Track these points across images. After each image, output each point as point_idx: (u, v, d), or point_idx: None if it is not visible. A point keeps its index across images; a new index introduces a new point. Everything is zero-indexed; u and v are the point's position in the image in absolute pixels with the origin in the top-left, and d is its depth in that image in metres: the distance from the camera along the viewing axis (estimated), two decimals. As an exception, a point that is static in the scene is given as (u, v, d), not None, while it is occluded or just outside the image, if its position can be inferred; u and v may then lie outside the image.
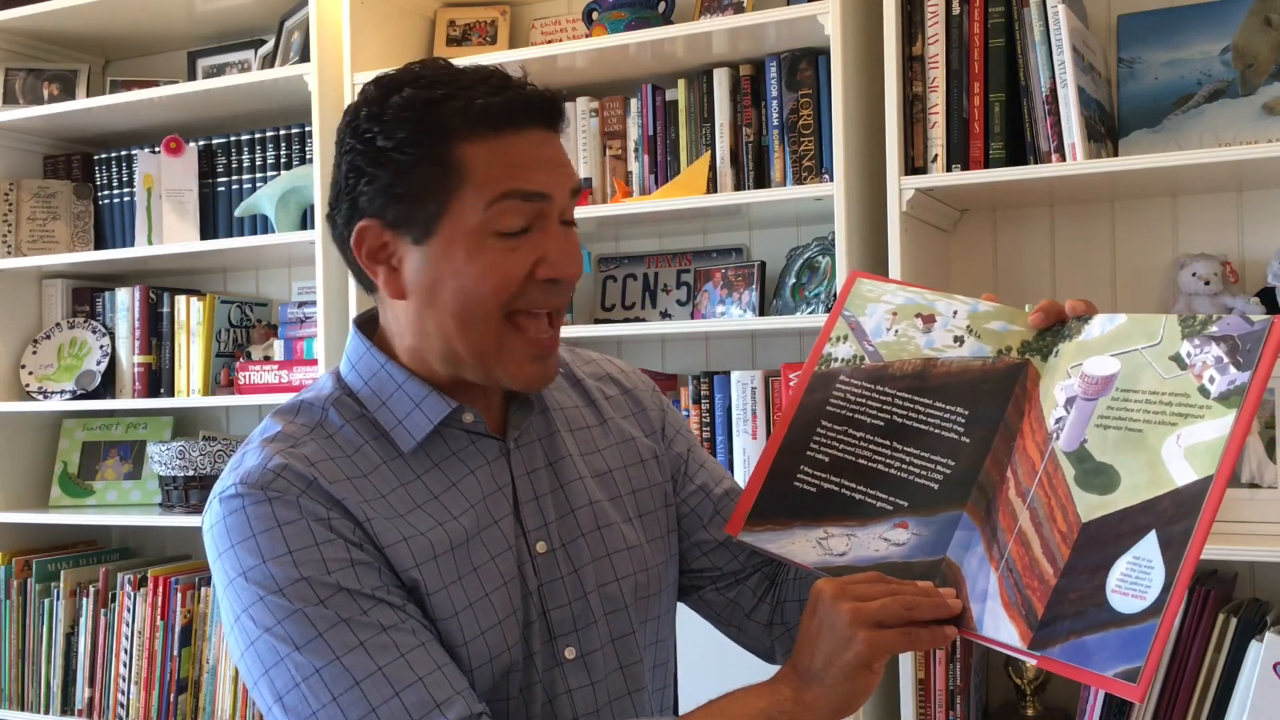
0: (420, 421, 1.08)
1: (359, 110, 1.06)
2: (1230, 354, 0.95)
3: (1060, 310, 1.08)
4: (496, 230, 1.03)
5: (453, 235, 1.03)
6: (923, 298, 1.16)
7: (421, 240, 1.04)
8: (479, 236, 1.03)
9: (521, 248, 1.04)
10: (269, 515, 1.00)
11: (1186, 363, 0.97)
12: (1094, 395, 1.01)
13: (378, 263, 1.07)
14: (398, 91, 1.04)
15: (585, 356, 1.29)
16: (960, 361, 1.11)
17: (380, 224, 1.05)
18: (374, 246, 1.06)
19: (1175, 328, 1.00)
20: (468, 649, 1.04)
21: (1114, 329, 1.03)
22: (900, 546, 1.05)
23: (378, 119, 1.03)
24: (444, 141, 1.02)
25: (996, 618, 0.97)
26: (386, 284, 1.07)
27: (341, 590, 0.98)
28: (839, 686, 0.96)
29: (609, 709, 1.12)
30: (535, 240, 1.04)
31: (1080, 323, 1.07)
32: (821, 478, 1.12)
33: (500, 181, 1.02)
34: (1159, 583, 0.90)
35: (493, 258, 1.03)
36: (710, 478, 1.27)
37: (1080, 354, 1.04)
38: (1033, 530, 0.99)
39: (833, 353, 1.17)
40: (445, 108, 1.02)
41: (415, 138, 1.02)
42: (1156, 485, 0.94)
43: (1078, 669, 0.91)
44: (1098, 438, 0.99)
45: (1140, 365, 1.00)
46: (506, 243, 1.03)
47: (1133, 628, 0.89)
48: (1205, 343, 0.97)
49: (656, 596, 1.19)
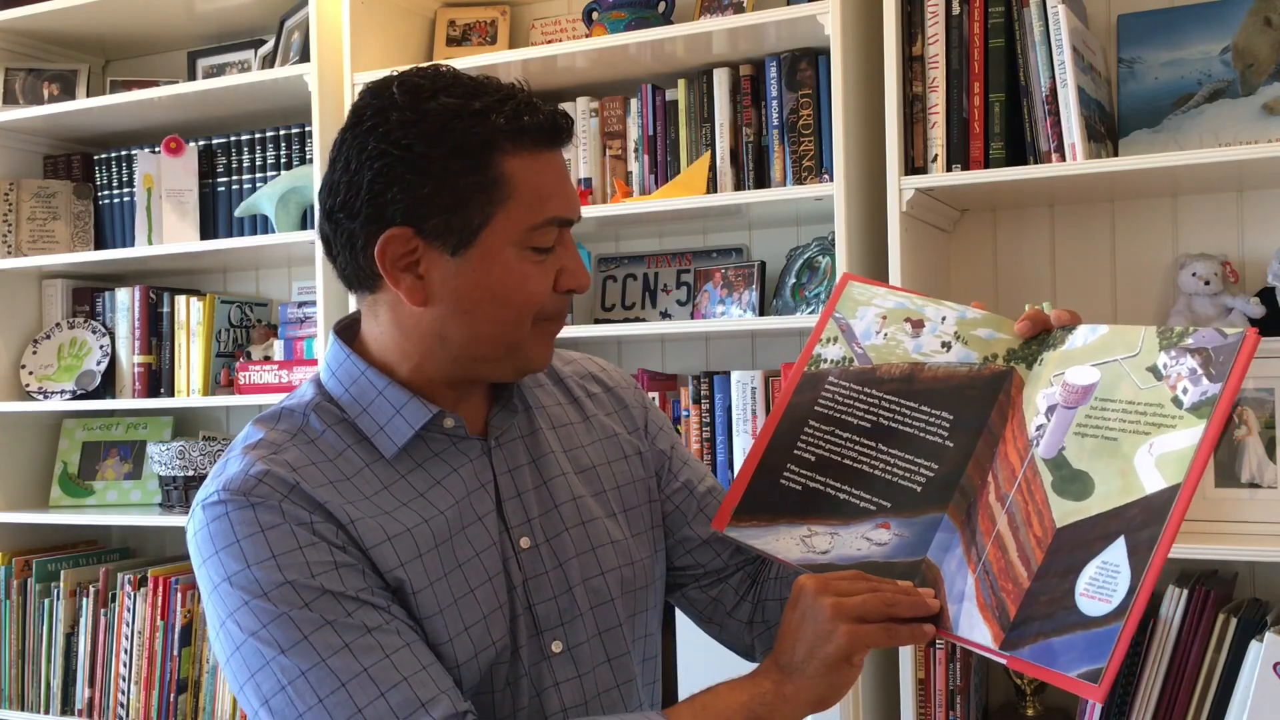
0: (401, 427, 1.09)
1: (386, 114, 1.03)
2: (1204, 365, 0.98)
3: (1046, 320, 1.11)
4: (532, 245, 1.06)
5: (491, 247, 1.05)
6: (912, 303, 1.18)
7: (458, 251, 1.04)
8: (516, 250, 1.05)
9: (548, 262, 1.08)
10: (252, 520, 1.00)
11: (1162, 374, 1.00)
12: (1074, 404, 1.04)
13: (402, 270, 1.06)
14: (431, 98, 1.03)
15: (566, 356, 1.30)
16: (947, 367, 1.13)
17: (413, 233, 1.04)
18: (400, 254, 1.05)
19: (1154, 339, 1.02)
20: (453, 645, 1.04)
21: (1096, 339, 1.06)
22: (882, 546, 1.07)
23: (415, 125, 1.02)
24: (490, 155, 1.03)
25: (972, 618, 0.99)
26: (410, 292, 1.06)
27: (326, 593, 0.99)
28: (819, 679, 0.98)
29: (597, 701, 1.13)
30: (557, 254, 1.09)
31: (1065, 332, 1.09)
32: (807, 476, 1.13)
33: (544, 205, 1.06)
34: (1124, 587, 0.92)
35: (527, 270, 1.06)
36: (694, 475, 1.28)
37: (1063, 363, 1.06)
38: (1010, 534, 1.01)
39: (822, 354, 1.19)
40: (492, 121, 1.03)
41: (462, 148, 1.02)
42: (1127, 492, 0.97)
43: (1044, 669, 0.94)
44: (1075, 445, 1.02)
45: (1119, 375, 1.02)
46: (537, 256, 1.07)
47: (1097, 630, 0.92)
48: (1181, 354, 0.99)
49: (643, 590, 1.20)
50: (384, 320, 1.11)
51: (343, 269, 1.10)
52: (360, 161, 1.04)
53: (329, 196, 1.08)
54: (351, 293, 1.13)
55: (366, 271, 1.07)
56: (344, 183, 1.06)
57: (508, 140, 1.03)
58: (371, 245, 1.05)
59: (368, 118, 1.04)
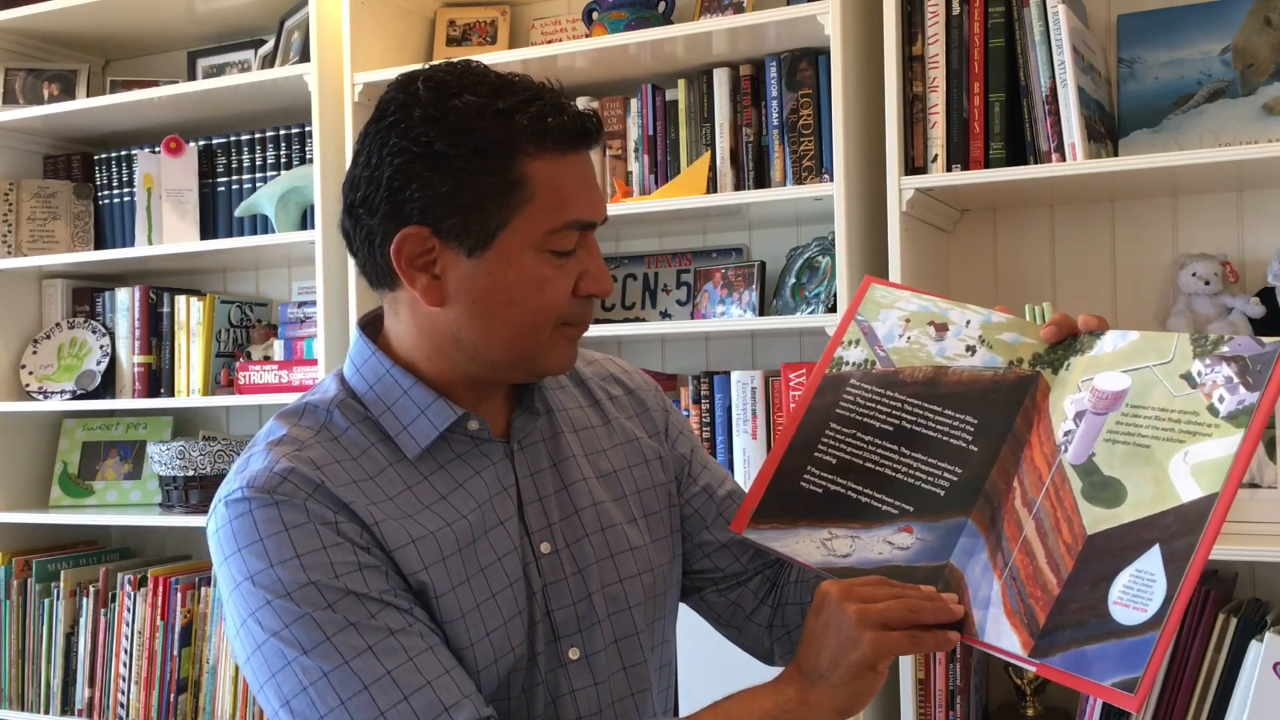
0: (425, 428, 1.08)
1: (409, 110, 1.02)
2: (1240, 374, 0.96)
3: (1073, 325, 1.09)
4: (551, 248, 1.04)
5: (509, 250, 1.03)
6: (936, 306, 1.17)
7: (474, 252, 1.03)
8: (535, 252, 1.03)
9: (568, 265, 1.06)
10: (276, 519, 0.99)
11: (1197, 381, 0.98)
12: (1104, 410, 1.02)
13: (418, 270, 1.04)
14: (456, 96, 1.01)
15: (588, 357, 1.29)
16: (971, 371, 1.12)
17: (430, 232, 1.03)
18: (416, 253, 1.04)
19: (1187, 346, 1.01)
20: (474, 650, 1.04)
21: (1126, 345, 1.04)
22: (904, 551, 1.05)
23: (437, 123, 1.01)
24: (511, 156, 1.01)
25: (999, 625, 0.97)
26: (425, 291, 1.05)
27: (349, 594, 0.98)
28: (844, 687, 0.96)
29: (612, 710, 1.12)
30: (579, 257, 1.07)
31: (1092, 338, 1.07)
32: (828, 479, 1.12)
33: (564, 208, 1.03)
34: (1160, 596, 0.91)
35: (547, 273, 1.04)
36: (714, 479, 1.27)
37: (1091, 369, 1.05)
38: (1038, 540, 1.00)
39: (844, 356, 1.18)
40: (515, 121, 1.01)
41: (483, 148, 1.00)
42: (1162, 500, 0.95)
43: (1077, 678, 0.92)
44: (1106, 452, 1.00)
45: (1151, 382, 1.01)
46: (557, 260, 1.05)
47: (1133, 639, 0.90)
48: (1216, 362, 0.98)
49: (661, 597, 1.19)
50: (404, 318, 1.10)
51: (362, 265, 1.09)
52: (381, 157, 1.03)
53: (350, 191, 1.06)
54: (373, 290, 1.11)
55: (385, 269, 1.06)
56: (365, 178, 1.04)
57: (530, 142, 1.02)
58: (389, 243, 1.03)
59: (391, 112, 1.03)
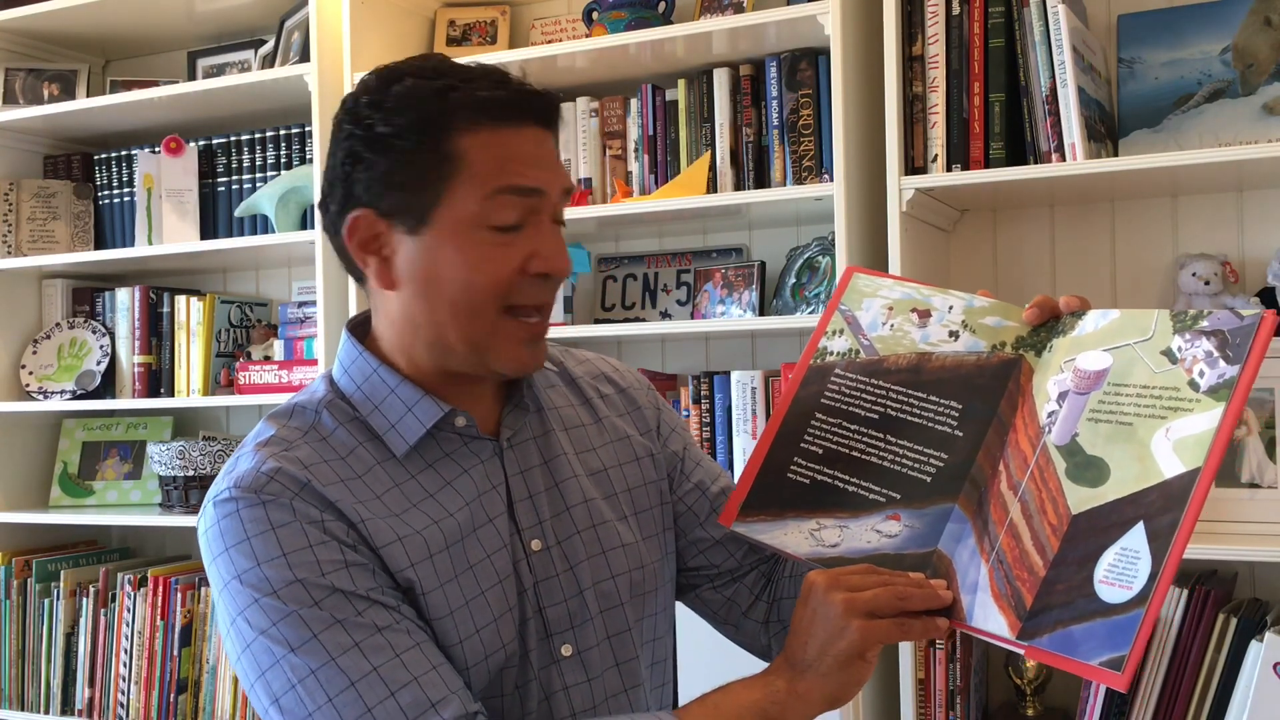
0: (413, 425, 1.08)
1: (359, 98, 1.06)
2: (1220, 348, 0.96)
3: (1055, 306, 1.09)
4: (491, 224, 1.04)
5: (447, 226, 1.04)
6: (918, 293, 1.17)
7: (415, 230, 1.04)
8: (474, 228, 1.03)
9: (515, 243, 1.05)
10: (263, 518, 1.00)
11: (1177, 357, 0.98)
12: (1086, 390, 1.02)
13: (369, 253, 1.07)
14: (399, 80, 1.05)
15: (579, 356, 1.29)
16: (955, 356, 1.12)
17: (374, 213, 1.05)
18: (366, 236, 1.06)
19: (1167, 322, 1.01)
20: (463, 647, 1.04)
21: (1107, 324, 1.05)
22: (892, 538, 1.06)
23: (378, 106, 1.04)
24: (444, 131, 1.03)
25: (986, 609, 0.98)
26: (378, 274, 1.07)
27: (336, 592, 0.98)
28: (833, 676, 0.97)
29: (605, 705, 1.13)
30: (528, 236, 1.05)
31: (1074, 318, 1.08)
32: (815, 470, 1.12)
33: (497, 176, 1.03)
34: (1145, 573, 0.91)
35: (486, 251, 1.04)
36: (706, 475, 1.27)
37: (1074, 349, 1.05)
38: (1024, 523, 1.00)
39: (828, 346, 1.18)
40: (448, 98, 1.03)
41: (415, 125, 1.03)
42: (1145, 478, 0.95)
43: (1064, 658, 0.92)
44: (1089, 431, 1.00)
45: (1132, 359, 1.01)
46: (500, 237, 1.04)
47: (1119, 617, 0.90)
48: (1196, 337, 0.98)
49: (653, 594, 1.19)
50: (380, 312, 1.12)
51: (339, 258, 1.12)
52: (334, 147, 1.08)
53: (320, 189, 1.11)
54: (359, 286, 1.13)
55: (349, 258, 1.09)
56: (326, 170, 1.09)
57: (465, 116, 1.03)
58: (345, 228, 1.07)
59: (346, 105, 1.07)
